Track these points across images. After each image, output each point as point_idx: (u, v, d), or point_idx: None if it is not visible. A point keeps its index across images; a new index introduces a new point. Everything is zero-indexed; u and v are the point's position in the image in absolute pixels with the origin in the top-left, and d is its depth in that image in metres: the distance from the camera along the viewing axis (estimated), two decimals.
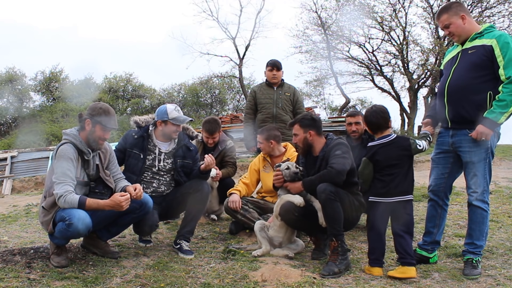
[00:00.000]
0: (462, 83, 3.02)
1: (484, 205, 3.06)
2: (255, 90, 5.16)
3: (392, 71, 19.02)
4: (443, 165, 3.24)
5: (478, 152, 3.03)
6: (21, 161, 11.66)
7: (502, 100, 2.86)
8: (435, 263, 3.30)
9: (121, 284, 2.81)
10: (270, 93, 5.03)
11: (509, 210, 4.92)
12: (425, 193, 5.94)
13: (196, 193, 3.58)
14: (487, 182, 3.06)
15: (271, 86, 5.06)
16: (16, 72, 25.46)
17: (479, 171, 3.04)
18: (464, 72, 3.03)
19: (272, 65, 5.02)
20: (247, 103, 5.33)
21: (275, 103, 4.97)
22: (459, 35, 3.11)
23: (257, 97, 5.08)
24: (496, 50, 2.91)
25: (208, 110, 26.72)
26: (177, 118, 3.59)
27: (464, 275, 3.00)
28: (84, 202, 2.92)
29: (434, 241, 3.32)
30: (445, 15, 3.10)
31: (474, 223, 3.09)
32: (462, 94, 3.03)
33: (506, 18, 16.00)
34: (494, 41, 2.93)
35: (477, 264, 3.04)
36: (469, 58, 3.02)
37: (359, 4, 17.43)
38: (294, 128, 3.58)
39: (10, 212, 5.73)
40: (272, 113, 4.97)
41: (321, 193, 3.20)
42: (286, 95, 5.02)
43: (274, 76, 5.03)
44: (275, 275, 2.99)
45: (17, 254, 3.17)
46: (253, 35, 19.73)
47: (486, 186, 3.06)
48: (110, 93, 25.71)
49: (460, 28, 3.07)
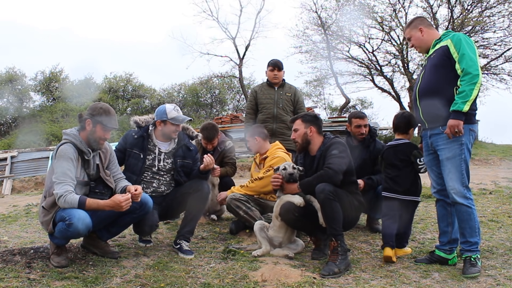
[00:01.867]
0: (429, 84, 3.24)
1: (467, 202, 3.10)
2: (256, 90, 5.14)
3: (392, 71, 19.04)
4: (436, 165, 3.30)
5: (452, 148, 3.12)
6: (21, 161, 11.67)
7: (462, 91, 3.02)
8: (454, 265, 3.25)
9: (121, 284, 2.81)
10: (271, 93, 5.01)
11: (509, 210, 4.93)
12: (425, 193, 5.95)
13: (196, 193, 3.59)
14: (465, 178, 3.11)
15: (272, 86, 5.04)
16: (16, 72, 25.46)
17: (454, 166, 3.11)
18: (429, 75, 3.26)
19: (273, 65, 5.00)
20: (248, 103, 5.32)
21: (276, 103, 4.95)
22: (419, 46, 3.41)
23: (258, 97, 5.06)
24: (451, 48, 3.12)
25: (208, 110, 26.71)
26: (176, 118, 3.59)
27: (463, 275, 3.00)
28: (84, 202, 2.92)
29: (451, 240, 3.31)
30: (407, 29, 3.47)
31: (462, 221, 3.13)
32: (431, 94, 3.20)
33: (506, 18, 15.99)
34: (449, 41, 3.16)
35: (475, 262, 3.05)
36: (432, 62, 3.26)
37: (359, 4, 17.43)
38: (296, 123, 3.59)
39: (10, 212, 5.73)
40: (272, 113, 4.94)
41: (319, 193, 3.20)
42: (287, 95, 5.00)
43: (275, 76, 5.00)
44: (275, 275, 2.99)
45: (17, 254, 3.17)
46: (253, 35, 19.76)
47: (466, 182, 3.11)
48: (110, 93, 25.69)
49: (419, 40, 3.38)
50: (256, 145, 4.27)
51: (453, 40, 3.12)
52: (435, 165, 3.30)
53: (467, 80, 3.00)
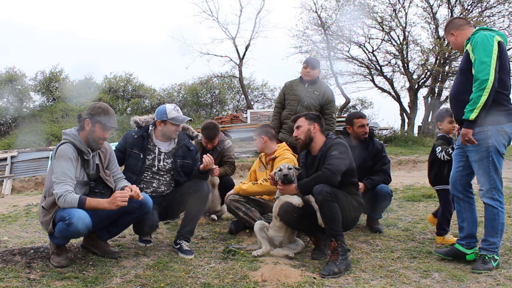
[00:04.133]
0: (455, 88, 3.34)
1: (493, 202, 3.13)
2: (286, 85, 5.02)
3: (392, 71, 19.04)
4: (458, 160, 3.38)
5: (478, 151, 3.13)
6: (21, 161, 11.65)
7: (471, 99, 3.05)
8: (472, 261, 3.24)
9: (121, 284, 2.81)
10: (299, 90, 4.86)
11: (509, 210, 4.92)
12: (425, 193, 5.96)
13: (196, 193, 3.58)
14: (494, 180, 3.12)
15: (303, 83, 4.91)
16: (16, 72, 25.43)
17: (481, 169, 3.15)
18: (456, 79, 3.38)
19: (307, 62, 4.92)
20: (277, 97, 5.21)
21: (301, 100, 4.81)
22: (457, 49, 3.54)
23: (286, 92, 4.95)
24: (470, 53, 3.14)
25: (208, 110, 26.71)
26: (176, 118, 3.59)
27: (472, 269, 3.08)
28: (84, 201, 2.92)
29: (468, 235, 3.33)
30: (445, 35, 3.63)
31: (486, 219, 3.19)
32: (457, 99, 3.28)
33: (506, 18, 16.01)
34: (469, 45, 3.17)
35: (489, 261, 3.09)
36: (459, 66, 3.35)
37: (359, 4, 17.44)
38: (299, 121, 3.58)
39: (10, 212, 5.74)
40: (295, 110, 4.76)
41: (317, 195, 3.19)
42: (315, 93, 4.81)
43: (307, 73, 4.86)
44: (275, 275, 2.99)
45: (17, 254, 3.17)
46: (253, 35, 19.75)
47: (494, 184, 3.12)
48: (110, 93, 25.68)
49: (454, 44, 3.46)
50: (262, 145, 4.24)
51: (472, 44, 3.12)
52: (457, 160, 3.39)
53: (476, 87, 3.01)
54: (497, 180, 3.13)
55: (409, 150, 12.86)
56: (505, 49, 3.15)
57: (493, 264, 3.09)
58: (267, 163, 4.26)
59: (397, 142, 14.18)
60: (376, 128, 14.57)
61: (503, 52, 3.10)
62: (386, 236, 4.05)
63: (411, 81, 17.72)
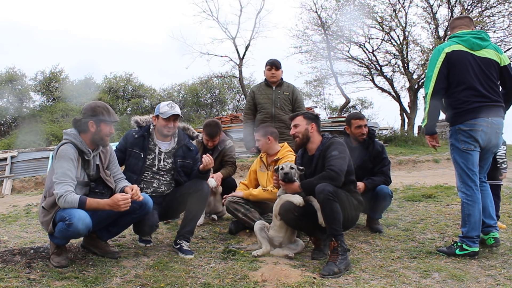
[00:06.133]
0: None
1: (460, 195, 3.46)
2: (253, 90, 5.12)
3: (392, 71, 19.07)
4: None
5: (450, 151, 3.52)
6: (21, 161, 11.65)
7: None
8: (492, 245, 3.48)
9: (121, 284, 2.81)
10: (268, 93, 4.99)
11: (509, 210, 4.93)
12: (425, 193, 5.96)
13: (196, 193, 3.58)
14: (460, 175, 3.42)
15: (270, 86, 5.02)
16: (16, 72, 25.47)
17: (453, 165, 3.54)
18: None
19: (271, 64, 4.99)
20: (246, 103, 5.31)
21: (274, 103, 4.93)
22: None
23: (255, 97, 5.04)
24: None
25: (208, 110, 26.73)
26: (165, 112, 3.58)
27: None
28: (84, 202, 2.92)
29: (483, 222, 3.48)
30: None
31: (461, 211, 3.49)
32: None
33: (506, 18, 16.01)
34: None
35: (454, 247, 3.41)
36: None
37: (359, 4, 17.45)
38: (297, 119, 3.59)
39: (10, 212, 5.74)
40: (270, 113, 4.92)
41: (319, 194, 3.19)
42: (285, 94, 4.97)
43: (273, 75, 4.98)
44: (275, 275, 2.99)
45: (17, 254, 3.17)
46: (253, 35, 19.75)
47: (461, 179, 3.42)
48: (110, 93, 25.70)
49: None
50: (266, 145, 4.22)
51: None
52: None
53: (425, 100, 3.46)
54: (463, 175, 3.40)
55: (409, 150, 12.86)
56: (465, 55, 3.36)
57: (455, 252, 3.37)
58: (269, 164, 4.25)
59: (397, 142, 14.19)
60: (376, 128, 14.56)
61: (458, 60, 3.35)
62: (386, 236, 4.05)
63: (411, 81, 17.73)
